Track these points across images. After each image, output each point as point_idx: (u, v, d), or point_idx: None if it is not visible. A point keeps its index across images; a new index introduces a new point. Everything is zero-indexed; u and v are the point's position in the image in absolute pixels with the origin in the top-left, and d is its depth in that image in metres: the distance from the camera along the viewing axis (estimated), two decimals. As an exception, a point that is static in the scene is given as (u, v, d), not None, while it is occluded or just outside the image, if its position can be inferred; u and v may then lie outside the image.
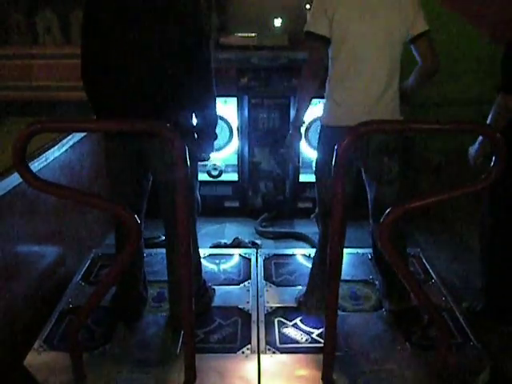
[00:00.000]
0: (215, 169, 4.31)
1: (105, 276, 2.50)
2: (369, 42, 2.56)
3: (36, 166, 2.71)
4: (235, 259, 3.52)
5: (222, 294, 3.07)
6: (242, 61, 4.07)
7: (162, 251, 3.34)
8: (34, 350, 2.55)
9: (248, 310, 2.91)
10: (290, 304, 2.99)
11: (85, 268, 3.30)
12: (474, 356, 2.56)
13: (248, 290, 3.12)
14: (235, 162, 4.38)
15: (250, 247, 3.78)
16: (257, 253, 3.57)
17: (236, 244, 3.84)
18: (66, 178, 3.18)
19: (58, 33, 4.08)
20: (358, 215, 2.92)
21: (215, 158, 4.26)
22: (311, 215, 3.01)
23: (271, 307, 2.95)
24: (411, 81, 2.77)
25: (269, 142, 4.27)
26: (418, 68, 2.70)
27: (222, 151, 4.33)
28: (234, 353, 2.58)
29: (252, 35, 4.15)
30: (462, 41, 4.36)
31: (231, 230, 4.20)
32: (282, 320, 2.84)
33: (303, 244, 3.89)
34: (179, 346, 2.59)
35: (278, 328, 2.77)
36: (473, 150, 2.84)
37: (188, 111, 2.63)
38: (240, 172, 4.38)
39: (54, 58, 3.92)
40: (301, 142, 2.93)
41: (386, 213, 1.92)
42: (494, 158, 1.90)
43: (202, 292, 2.91)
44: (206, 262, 3.44)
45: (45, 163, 2.86)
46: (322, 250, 2.78)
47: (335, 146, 2.24)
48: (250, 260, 3.48)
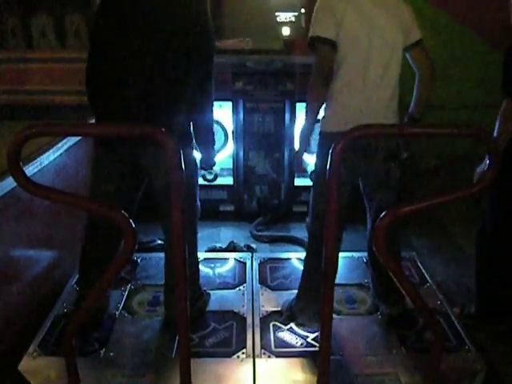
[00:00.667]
0: (210, 173, 4.28)
1: (99, 280, 2.49)
2: (377, 46, 2.53)
3: (30, 170, 2.71)
4: (230, 263, 3.52)
5: (218, 298, 3.06)
6: (237, 65, 4.08)
7: (157, 255, 3.35)
8: (29, 354, 2.54)
9: (243, 314, 2.91)
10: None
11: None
12: (469, 359, 2.57)
13: (243, 294, 3.12)
14: (230, 165, 4.38)
15: (245, 251, 3.78)
16: (252, 257, 3.57)
17: (231, 248, 3.83)
18: (61, 182, 3.17)
19: (52, 37, 4.07)
20: (352, 219, 2.92)
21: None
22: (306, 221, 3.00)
23: (266, 311, 2.95)
24: (416, 98, 2.73)
25: (264, 145, 4.27)
26: (418, 80, 2.69)
27: (217, 155, 4.32)
28: (229, 357, 2.58)
29: (247, 39, 4.15)
30: (455, 45, 4.39)
31: (226, 233, 4.19)
32: (278, 324, 2.84)
33: (298, 248, 3.88)
34: (174, 350, 2.58)
35: (274, 332, 2.77)
36: (480, 171, 2.73)
37: (188, 117, 2.63)
38: (235, 176, 4.39)
39: (49, 62, 3.91)
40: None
41: (381, 216, 1.92)
42: (488, 162, 1.90)
43: (197, 297, 2.90)
44: (201, 266, 3.42)
45: (39, 167, 2.85)
46: (315, 258, 2.66)
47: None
48: (245, 264, 3.48)
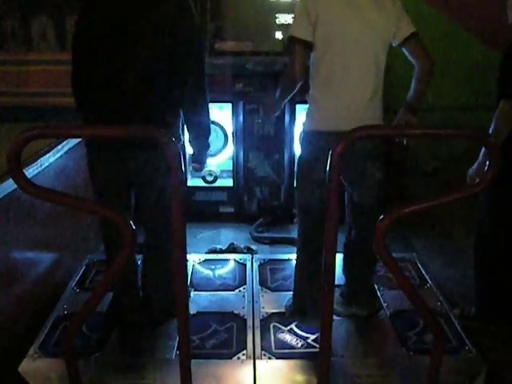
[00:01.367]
0: (210, 174, 4.31)
1: (100, 282, 2.49)
2: (353, 46, 2.55)
3: (31, 171, 2.71)
4: (230, 265, 3.52)
5: (218, 300, 3.07)
6: (237, 67, 4.08)
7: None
8: (29, 356, 2.54)
9: (243, 316, 2.91)
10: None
11: (80, 274, 3.30)
12: (469, 360, 2.57)
13: (243, 296, 3.12)
14: (230, 167, 4.38)
15: (245, 253, 3.78)
16: (252, 258, 3.57)
17: (231, 249, 3.83)
18: (61, 184, 3.17)
19: (53, 39, 4.08)
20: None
21: (210, 163, 4.27)
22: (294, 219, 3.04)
23: (267, 312, 2.95)
24: (414, 89, 2.72)
25: (264, 147, 4.27)
26: (416, 72, 2.68)
27: (217, 157, 4.33)
28: (230, 358, 2.58)
29: (247, 41, 4.15)
30: (449, 46, 4.38)
31: (226, 235, 4.19)
32: (278, 325, 2.84)
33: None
34: (174, 351, 2.58)
35: (274, 333, 2.77)
36: (472, 172, 2.76)
37: (177, 120, 2.64)
38: (235, 177, 4.38)
39: (49, 64, 3.92)
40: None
41: (381, 218, 1.92)
42: (488, 163, 1.90)
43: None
44: (201, 268, 3.44)
45: (40, 169, 2.85)
46: (306, 253, 2.82)
47: (319, 150, 2.54)
48: (245, 265, 3.48)
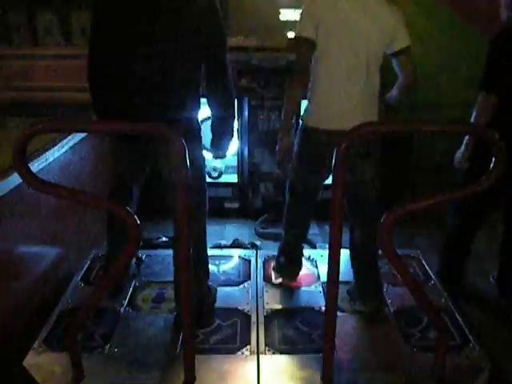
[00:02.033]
0: (215, 170, 4.32)
1: (104, 277, 2.50)
2: (348, 52, 2.65)
3: (36, 166, 2.71)
4: (235, 260, 3.52)
5: (222, 295, 3.06)
6: (242, 62, 4.07)
7: (162, 252, 3.37)
8: (34, 350, 2.55)
9: (248, 311, 2.91)
10: (289, 305, 3.00)
11: (84, 268, 3.30)
12: (473, 358, 2.56)
13: (248, 291, 3.12)
14: (235, 163, 4.38)
15: (249, 248, 3.78)
16: (256, 254, 3.57)
17: (236, 245, 3.84)
18: (66, 179, 3.18)
19: (58, 34, 4.08)
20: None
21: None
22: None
23: (271, 308, 2.95)
24: (391, 96, 2.87)
25: (268, 143, 4.26)
26: (398, 83, 2.79)
27: (229, 149, 4.33)
28: (234, 354, 2.58)
29: (252, 37, 4.15)
30: (460, 45, 4.36)
31: (231, 231, 4.19)
32: (282, 321, 2.84)
33: (302, 245, 3.88)
34: (179, 346, 2.59)
35: (278, 329, 2.77)
36: (459, 155, 3.02)
37: (196, 114, 2.65)
38: (240, 173, 4.39)
39: (55, 58, 3.92)
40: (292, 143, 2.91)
41: (386, 214, 1.92)
42: (493, 160, 1.90)
43: (206, 292, 2.92)
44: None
45: (45, 164, 2.86)
46: (291, 224, 3.11)
47: (311, 145, 2.78)
48: (249, 261, 3.48)
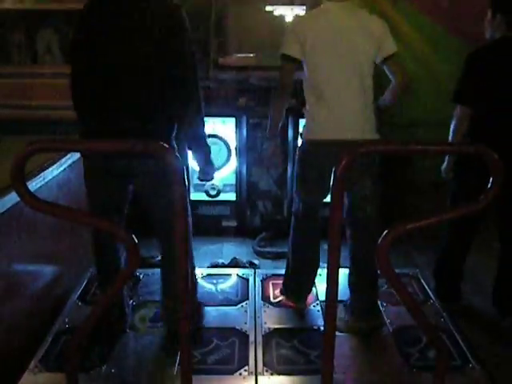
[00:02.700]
0: (213, 188, 4.32)
1: (102, 296, 2.48)
2: (339, 64, 2.74)
3: (34, 185, 2.71)
4: (233, 279, 3.51)
5: (220, 315, 3.05)
6: (241, 81, 4.10)
7: (159, 271, 3.34)
8: (30, 370, 2.53)
9: (246, 331, 2.90)
10: (287, 325, 2.98)
11: (82, 287, 3.29)
12: (473, 378, 2.55)
13: (246, 311, 3.10)
14: (233, 181, 4.38)
15: (247, 267, 3.77)
16: (255, 273, 3.56)
17: (234, 264, 3.83)
18: (64, 197, 3.17)
19: (57, 52, 4.10)
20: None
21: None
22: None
23: (269, 328, 2.93)
24: (386, 97, 2.97)
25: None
26: (391, 86, 2.90)
27: (221, 171, 4.33)
28: (232, 374, 2.56)
29: (250, 56, 4.17)
30: (430, 61, 4.39)
31: (229, 249, 4.18)
32: (280, 341, 2.82)
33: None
34: (176, 366, 2.57)
35: (276, 349, 2.75)
36: (444, 167, 3.24)
37: (172, 127, 2.64)
38: (238, 191, 4.39)
39: (54, 77, 3.93)
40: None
41: (385, 233, 1.91)
42: (491, 180, 1.90)
43: (195, 310, 2.91)
44: (203, 282, 3.42)
45: (43, 182, 2.86)
46: (298, 248, 3.10)
47: (310, 159, 2.87)
48: (247, 280, 3.46)
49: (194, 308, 2.88)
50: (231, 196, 4.42)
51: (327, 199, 3.82)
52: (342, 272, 2.58)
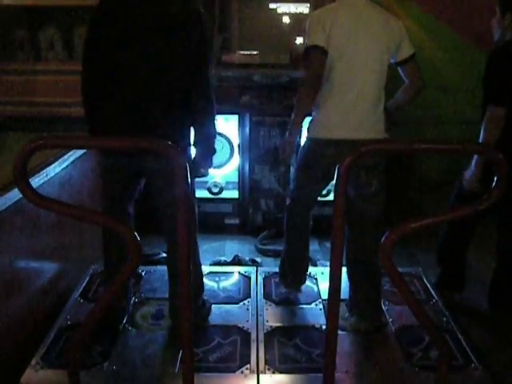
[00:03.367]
0: (216, 186, 4.31)
1: (103, 293, 2.48)
2: (360, 60, 2.73)
3: (36, 181, 2.71)
4: (235, 277, 3.50)
5: (222, 313, 3.05)
6: (244, 78, 4.09)
7: (161, 268, 3.34)
8: (32, 366, 2.53)
9: (247, 329, 2.89)
10: (289, 323, 2.98)
11: (83, 284, 3.29)
12: (476, 378, 2.54)
13: (248, 309, 3.10)
14: (236, 179, 4.38)
15: (249, 265, 3.77)
16: (257, 271, 3.55)
17: (236, 262, 3.82)
18: (67, 194, 3.17)
19: (60, 49, 4.09)
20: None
21: (216, 174, 4.27)
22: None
23: (271, 326, 2.93)
24: (398, 99, 2.96)
25: (269, 159, 4.27)
26: (405, 87, 2.90)
27: (223, 168, 4.33)
28: (234, 372, 2.56)
29: (254, 53, 4.17)
30: (454, 61, 4.39)
31: (231, 247, 4.18)
32: (282, 339, 2.82)
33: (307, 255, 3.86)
34: (178, 364, 2.57)
35: (278, 347, 2.75)
36: (468, 175, 2.99)
37: (186, 129, 2.67)
38: (240, 189, 4.38)
39: (57, 74, 3.93)
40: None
41: (388, 233, 1.90)
42: (495, 179, 1.89)
43: (200, 306, 2.92)
44: (205, 280, 3.41)
45: (45, 179, 2.85)
46: (294, 234, 3.12)
47: (316, 156, 2.85)
48: (249, 278, 3.46)
49: (198, 305, 2.89)
50: (234, 194, 4.42)
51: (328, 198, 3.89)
52: (345, 270, 2.59)
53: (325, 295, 3.07)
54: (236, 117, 4.19)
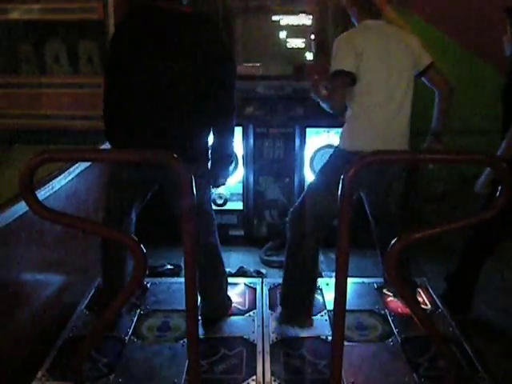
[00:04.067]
0: (220, 197, 4.32)
1: (109, 305, 2.48)
2: (395, 78, 2.82)
3: (42, 194, 2.72)
4: (240, 288, 3.49)
5: (227, 324, 3.04)
6: (248, 90, 4.11)
7: (167, 280, 3.35)
8: (37, 379, 2.53)
9: (253, 341, 2.88)
10: (295, 334, 2.97)
11: (89, 297, 3.29)
12: (482, 388, 2.53)
13: (253, 320, 3.09)
14: (240, 190, 4.39)
15: (255, 276, 3.77)
16: (262, 282, 3.55)
17: (241, 273, 3.82)
18: (72, 207, 3.18)
19: (65, 62, 4.12)
20: (361, 243, 2.95)
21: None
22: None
23: (277, 337, 2.92)
24: (437, 114, 2.99)
25: (273, 171, 4.28)
26: (437, 99, 2.96)
27: (230, 178, 4.34)
28: (239, 384, 2.56)
29: (257, 65, 4.19)
30: (461, 72, 4.40)
31: (236, 258, 4.18)
32: (288, 351, 2.81)
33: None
34: (184, 376, 2.56)
35: (284, 359, 2.74)
36: (482, 181, 3.06)
37: (205, 140, 2.72)
38: (245, 201, 4.39)
39: (62, 87, 3.96)
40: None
41: (392, 244, 1.91)
42: (500, 189, 1.89)
43: (221, 300, 3.07)
44: (210, 291, 3.42)
45: (51, 191, 2.86)
46: (295, 254, 2.99)
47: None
48: (255, 289, 3.45)
49: (220, 298, 3.07)
50: (238, 205, 4.42)
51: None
52: (350, 281, 2.59)
53: (330, 306, 3.06)
54: (240, 128, 4.20)
